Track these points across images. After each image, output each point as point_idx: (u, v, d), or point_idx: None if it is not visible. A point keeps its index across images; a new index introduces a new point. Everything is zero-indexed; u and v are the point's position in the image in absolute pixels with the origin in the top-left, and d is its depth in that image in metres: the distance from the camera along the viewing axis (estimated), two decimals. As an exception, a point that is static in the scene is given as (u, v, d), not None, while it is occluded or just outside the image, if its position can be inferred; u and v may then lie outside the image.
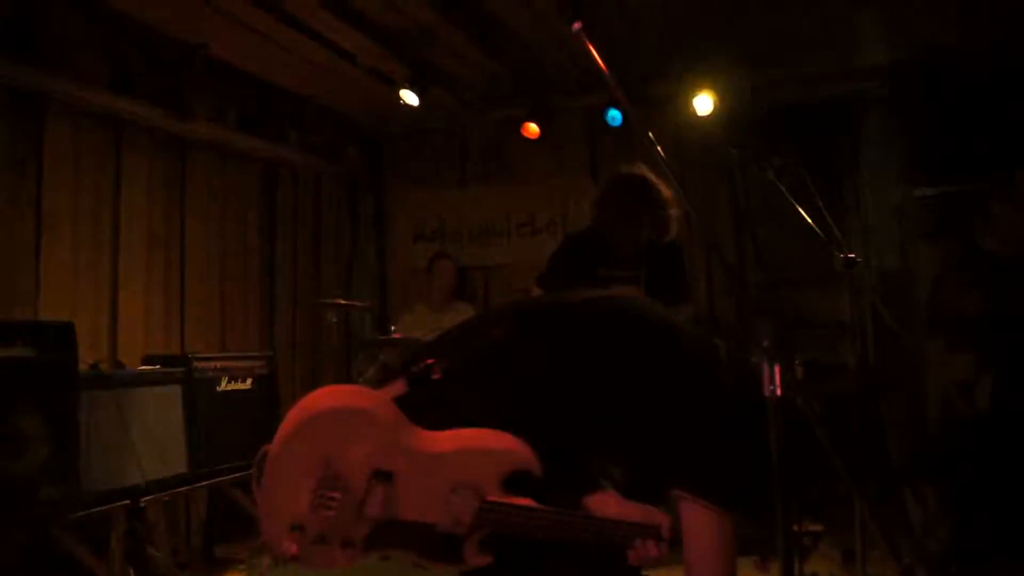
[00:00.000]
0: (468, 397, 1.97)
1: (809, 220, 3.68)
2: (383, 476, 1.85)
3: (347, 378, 6.51)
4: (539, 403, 1.94)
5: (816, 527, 3.82)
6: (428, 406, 1.93)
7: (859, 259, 3.67)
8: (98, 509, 3.71)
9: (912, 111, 5.61)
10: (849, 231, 5.80)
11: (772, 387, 2.14)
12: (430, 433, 1.89)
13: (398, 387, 2.00)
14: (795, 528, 3.75)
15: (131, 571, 3.91)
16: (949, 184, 5.19)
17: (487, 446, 1.89)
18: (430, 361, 1.99)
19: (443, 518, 1.87)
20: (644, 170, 3.51)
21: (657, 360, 1.91)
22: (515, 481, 1.88)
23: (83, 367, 3.77)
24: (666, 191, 3.37)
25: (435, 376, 1.97)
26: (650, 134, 2.06)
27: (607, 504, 1.92)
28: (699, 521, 1.82)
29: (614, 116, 6.04)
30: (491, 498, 1.86)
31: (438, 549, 1.88)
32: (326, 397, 1.92)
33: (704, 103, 5.82)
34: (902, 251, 5.76)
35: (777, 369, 2.10)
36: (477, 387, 1.98)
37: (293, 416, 1.89)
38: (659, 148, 2.05)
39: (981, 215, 4.74)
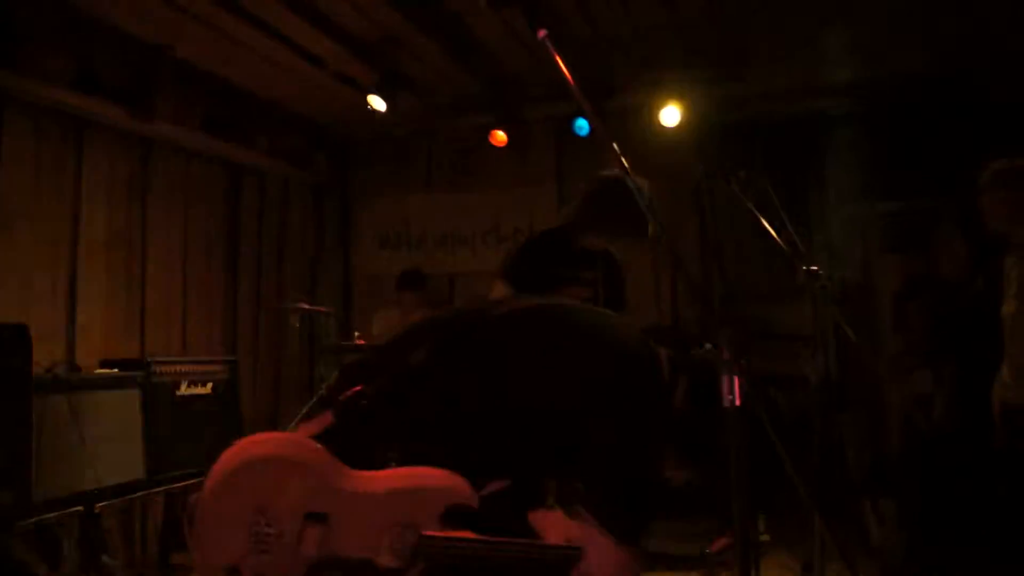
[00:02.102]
0: (396, 422, 1.95)
1: (773, 233, 3.70)
2: (317, 517, 1.84)
3: (309, 384, 6.45)
4: (468, 422, 1.93)
5: (763, 537, 3.85)
6: (358, 435, 1.92)
7: (822, 272, 3.69)
8: (51, 515, 3.64)
9: (876, 129, 5.70)
10: (813, 246, 5.86)
11: (731, 397, 2.16)
12: (363, 473, 1.88)
13: (326, 419, 1.98)
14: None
15: (84, 578, 3.83)
16: (911, 200, 5.27)
17: (421, 485, 1.88)
18: (356, 389, 1.97)
19: (382, 554, 1.85)
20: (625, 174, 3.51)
21: (581, 369, 1.89)
22: (452, 516, 1.88)
23: (38, 370, 3.70)
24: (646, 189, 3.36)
25: (362, 403, 1.95)
26: (615, 145, 2.06)
27: (552, 523, 1.91)
28: (598, 547, 1.80)
29: (581, 126, 6.05)
30: (428, 532, 1.85)
31: None
32: (254, 447, 1.89)
33: (671, 115, 5.85)
34: (864, 266, 5.83)
35: (736, 380, 2.12)
36: (404, 411, 1.97)
37: (221, 467, 1.86)
38: (624, 160, 2.05)
39: (934, 236, 4.82)
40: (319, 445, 1.87)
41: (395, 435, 1.93)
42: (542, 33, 2.10)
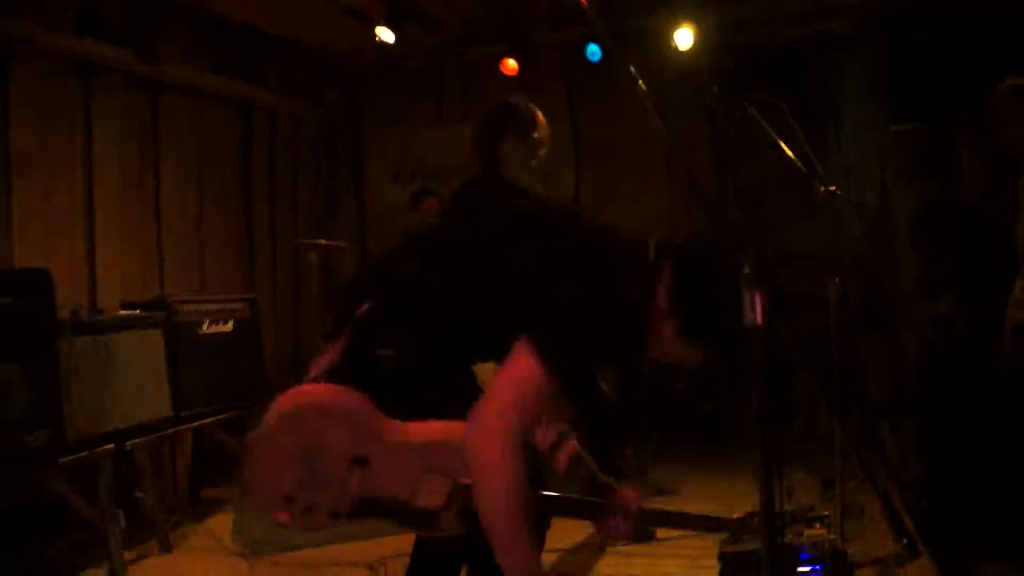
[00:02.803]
0: (400, 327, 2.03)
1: (790, 153, 3.66)
2: (359, 461, 1.94)
3: (327, 321, 6.50)
4: (464, 315, 2.00)
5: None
6: (372, 347, 2.01)
7: (840, 192, 3.67)
8: (84, 454, 3.71)
9: (892, 49, 5.59)
10: (830, 170, 5.80)
11: (753, 316, 2.16)
12: (402, 424, 1.97)
13: (343, 339, 2.04)
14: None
15: (120, 514, 3.93)
16: (928, 120, 5.20)
17: (456, 438, 1.91)
18: (365, 307, 2.04)
19: (419, 496, 1.96)
20: (516, 98, 3.47)
21: (560, 256, 1.94)
22: None
23: (62, 314, 3.74)
24: (539, 115, 3.33)
25: (371, 318, 2.03)
26: (631, 68, 2.04)
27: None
28: (517, 354, 1.84)
29: (593, 51, 5.97)
30: (463, 480, 1.91)
31: (417, 519, 1.98)
32: (309, 394, 2.00)
33: (685, 37, 5.76)
34: (882, 188, 5.78)
35: (758, 298, 2.12)
36: (406, 315, 2.04)
37: (278, 408, 1.97)
38: (640, 82, 2.02)
39: (951, 157, 4.76)
40: (365, 397, 1.96)
41: (398, 338, 2.01)
42: None
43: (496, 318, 1.96)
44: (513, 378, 1.83)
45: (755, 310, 2.05)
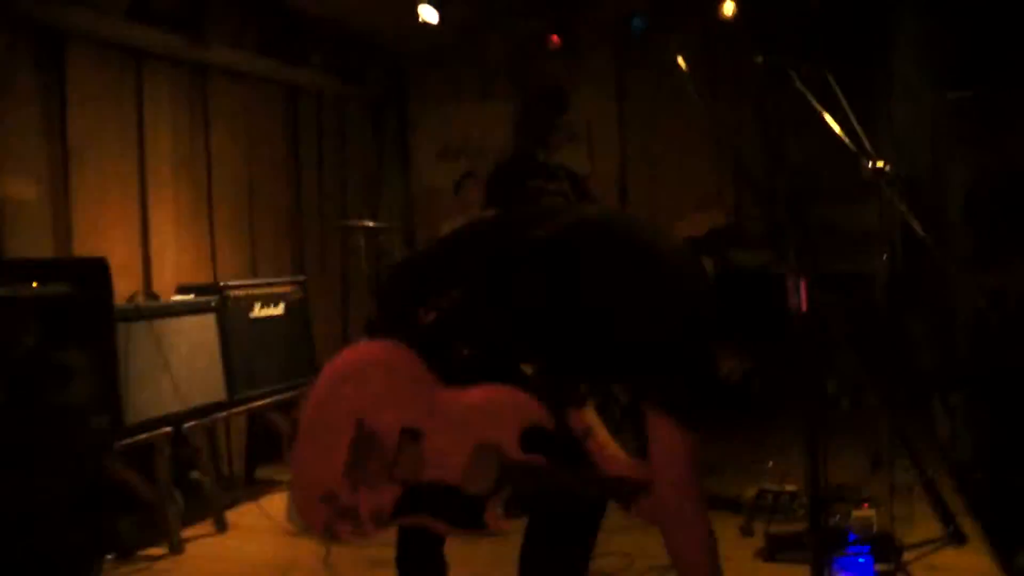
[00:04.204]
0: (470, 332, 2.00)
1: (837, 129, 3.61)
2: (412, 435, 1.88)
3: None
4: (535, 324, 1.96)
5: (791, 487, 3.86)
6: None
7: (888, 167, 3.61)
8: (142, 436, 3.83)
9: (944, 13, 5.45)
10: (880, 138, 5.69)
11: (797, 300, 2.16)
12: (452, 391, 1.92)
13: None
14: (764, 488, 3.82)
15: (178, 494, 4.05)
16: (982, 88, 5.07)
17: (504, 402, 1.92)
18: (431, 317, 2.00)
19: (468, 477, 1.91)
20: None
21: (637, 277, 1.90)
22: (530, 437, 1.93)
23: (119, 301, 3.85)
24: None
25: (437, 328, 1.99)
26: (673, 42, 2.03)
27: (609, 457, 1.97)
28: (664, 431, 1.84)
29: (638, 25, 5.92)
30: (512, 458, 1.90)
31: (463, 515, 1.93)
32: (359, 352, 1.94)
33: (729, 7, 5.68)
34: (934, 158, 5.66)
35: (803, 283, 2.11)
36: (475, 322, 2.00)
37: (326, 376, 1.91)
38: (681, 59, 2.01)
39: (1007, 126, 4.65)
40: (416, 356, 1.91)
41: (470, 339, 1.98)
42: None
43: (562, 331, 1.94)
44: (675, 458, 1.85)
45: (799, 295, 2.06)
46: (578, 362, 1.97)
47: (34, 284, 3.34)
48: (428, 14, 5.62)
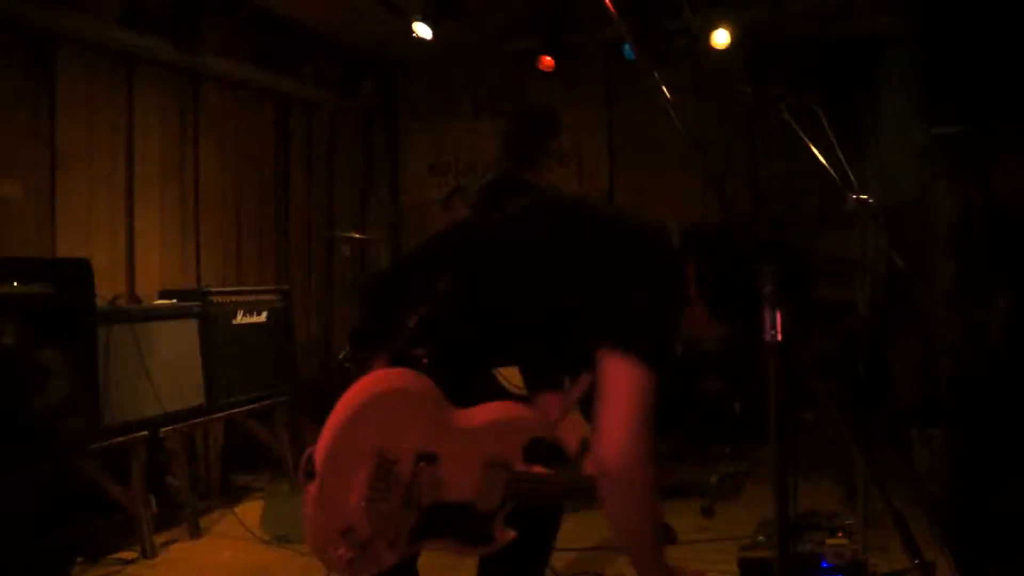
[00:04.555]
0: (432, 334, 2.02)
1: (822, 160, 3.64)
2: (429, 459, 1.87)
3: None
4: (495, 321, 2.01)
5: (741, 467, 3.90)
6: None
7: (871, 200, 3.65)
8: (118, 440, 3.81)
9: (933, 49, 5.52)
10: (867, 170, 5.75)
11: (773, 332, 2.17)
12: (462, 410, 1.92)
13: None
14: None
15: (152, 499, 4.02)
16: (970, 123, 5.12)
17: (509, 417, 1.97)
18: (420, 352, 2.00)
19: (480, 495, 1.93)
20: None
21: (588, 240, 1.99)
22: (532, 449, 1.99)
23: (101, 303, 3.84)
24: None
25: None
26: (656, 74, 2.04)
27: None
28: (616, 367, 1.82)
29: (630, 51, 5.96)
30: (518, 469, 1.95)
31: (475, 532, 1.96)
32: (375, 384, 1.88)
33: (722, 36, 5.74)
34: (920, 191, 5.71)
35: (778, 315, 2.13)
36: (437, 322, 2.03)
37: (342, 410, 1.84)
38: (664, 89, 2.04)
39: (993, 161, 4.70)
40: (427, 378, 1.89)
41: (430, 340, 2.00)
42: None
43: (527, 315, 1.98)
44: (623, 394, 1.81)
45: (775, 327, 2.08)
46: (552, 354, 2.02)
47: (15, 284, 3.34)
48: (422, 30, 5.65)
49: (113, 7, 4.66)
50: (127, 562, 3.79)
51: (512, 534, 2.00)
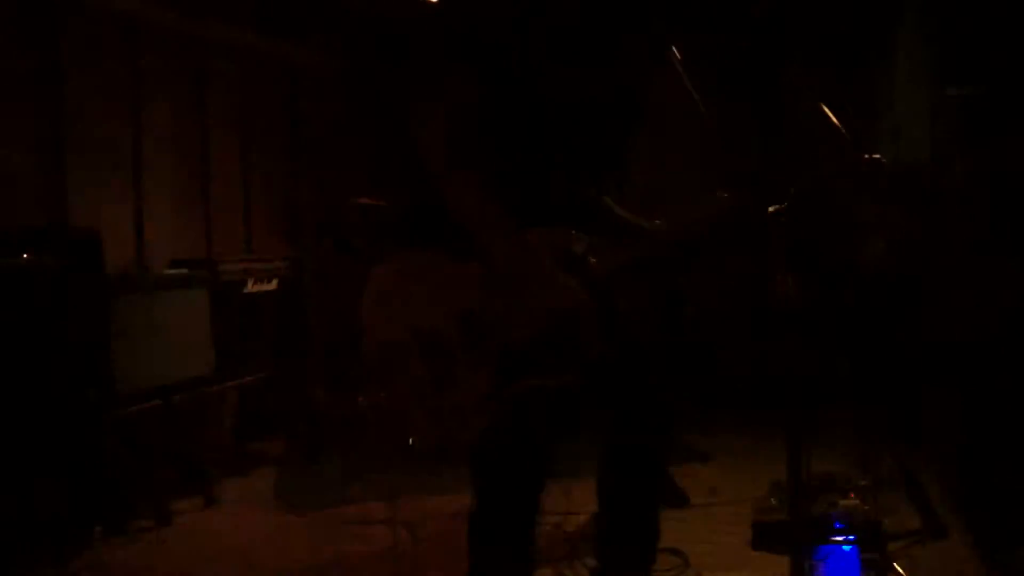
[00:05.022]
0: None
1: (833, 119, 3.59)
2: (468, 315, 1.93)
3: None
4: None
5: None
6: None
7: (884, 160, 3.59)
8: (132, 409, 3.83)
9: (948, 6, 5.44)
10: (880, 130, 5.68)
11: (787, 297, 2.16)
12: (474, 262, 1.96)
13: None
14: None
15: (167, 468, 4.06)
16: (984, 84, 5.05)
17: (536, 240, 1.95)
18: None
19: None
20: None
21: None
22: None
23: (111, 272, 3.84)
24: None
25: None
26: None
27: None
28: None
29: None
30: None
31: (557, 362, 1.92)
32: (376, 283, 2.05)
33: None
34: (934, 152, 5.65)
35: (791, 280, 2.11)
36: None
37: (367, 322, 2.01)
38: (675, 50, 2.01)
39: (1008, 123, 4.63)
40: (425, 251, 2.00)
41: None
42: None
43: None
44: None
45: (790, 291, 2.06)
46: None
47: (24, 255, 3.33)
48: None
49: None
50: (144, 531, 3.82)
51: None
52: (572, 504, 3.30)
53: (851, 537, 3.19)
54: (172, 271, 4.45)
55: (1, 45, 4.12)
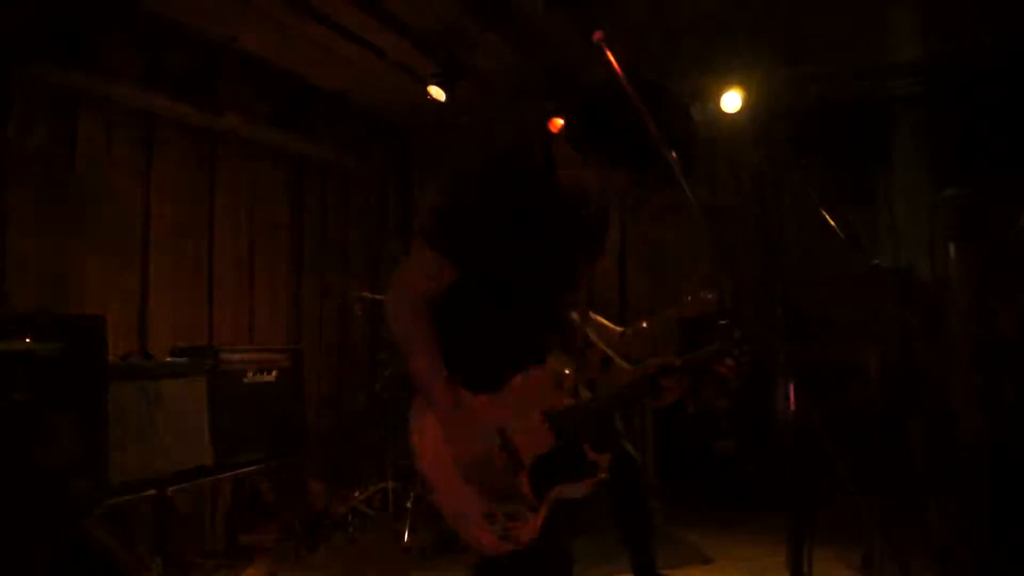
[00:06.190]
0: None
1: (834, 225, 3.64)
2: (504, 438, 2.25)
3: (371, 370, 6.54)
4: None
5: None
6: None
7: (882, 264, 3.64)
8: (126, 498, 3.78)
9: (946, 109, 5.55)
10: (879, 230, 5.74)
11: (786, 403, 2.16)
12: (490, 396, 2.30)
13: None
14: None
15: (158, 559, 3.98)
16: (982, 184, 5.12)
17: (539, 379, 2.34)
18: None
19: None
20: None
21: None
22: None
23: (112, 359, 3.83)
24: None
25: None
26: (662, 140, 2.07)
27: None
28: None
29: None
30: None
31: (578, 467, 2.30)
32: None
33: (732, 100, 5.77)
34: (932, 253, 5.69)
35: (791, 387, 2.12)
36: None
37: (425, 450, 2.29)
38: (673, 153, 2.06)
39: (1007, 222, 4.68)
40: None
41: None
42: (598, 36, 2.11)
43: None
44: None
45: (788, 397, 2.07)
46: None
47: (27, 340, 3.34)
48: (436, 92, 5.71)
49: (134, 68, 4.74)
50: (131, 624, 3.73)
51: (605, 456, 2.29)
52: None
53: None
54: (173, 359, 4.44)
55: (19, 133, 4.20)
